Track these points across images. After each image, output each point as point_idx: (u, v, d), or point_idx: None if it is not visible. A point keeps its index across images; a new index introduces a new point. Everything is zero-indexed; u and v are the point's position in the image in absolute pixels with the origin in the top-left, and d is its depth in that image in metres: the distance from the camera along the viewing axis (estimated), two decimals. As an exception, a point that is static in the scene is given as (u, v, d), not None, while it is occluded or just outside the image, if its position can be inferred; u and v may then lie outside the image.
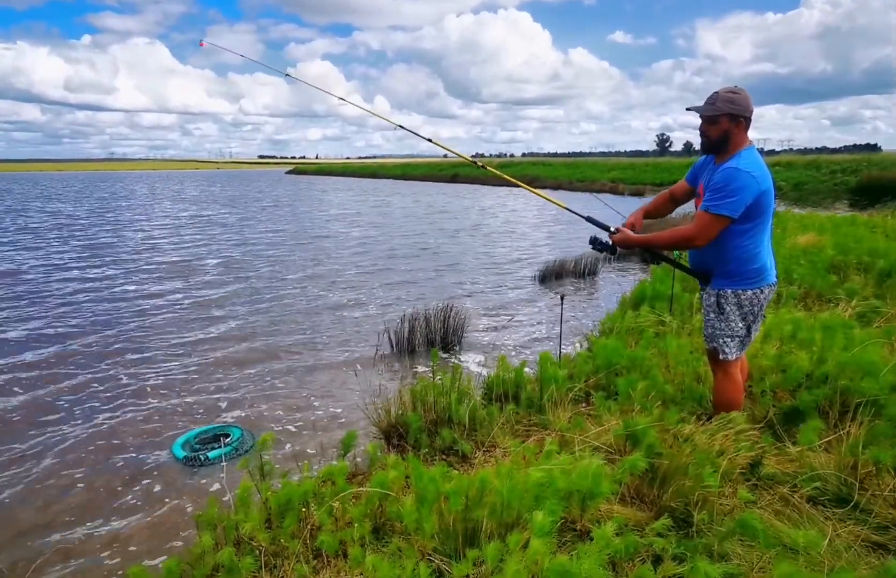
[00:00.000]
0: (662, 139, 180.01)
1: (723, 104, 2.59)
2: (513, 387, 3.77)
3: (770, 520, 2.23)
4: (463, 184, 45.65)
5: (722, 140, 2.65)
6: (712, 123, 2.65)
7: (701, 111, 2.67)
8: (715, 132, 2.65)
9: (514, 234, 17.44)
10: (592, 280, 10.36)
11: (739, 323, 2.72)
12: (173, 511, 3.60)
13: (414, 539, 2.19)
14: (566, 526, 2.27)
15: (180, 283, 10.36)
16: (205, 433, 4.45)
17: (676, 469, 2.39)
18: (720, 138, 2.65)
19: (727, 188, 2.53)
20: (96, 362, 6.22)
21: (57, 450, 4.34)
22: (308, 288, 10.00)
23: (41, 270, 11.55)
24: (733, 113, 2.59)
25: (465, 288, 9.98)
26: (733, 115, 2.59)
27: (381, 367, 6.03)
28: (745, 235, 2.61)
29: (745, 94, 2.61)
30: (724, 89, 2.63)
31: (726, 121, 2.61)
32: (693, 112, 2.70)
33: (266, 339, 7.07)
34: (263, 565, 2.21)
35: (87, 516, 3.55)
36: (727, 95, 2.60)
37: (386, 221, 21.19)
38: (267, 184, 59.56)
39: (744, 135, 2.63)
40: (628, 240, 2.90)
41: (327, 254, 13.65)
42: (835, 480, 2.44)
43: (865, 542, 2.16)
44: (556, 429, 3.21)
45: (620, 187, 34.56)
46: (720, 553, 2.02)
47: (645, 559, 2.04)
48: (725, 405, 2.81)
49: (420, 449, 3.29)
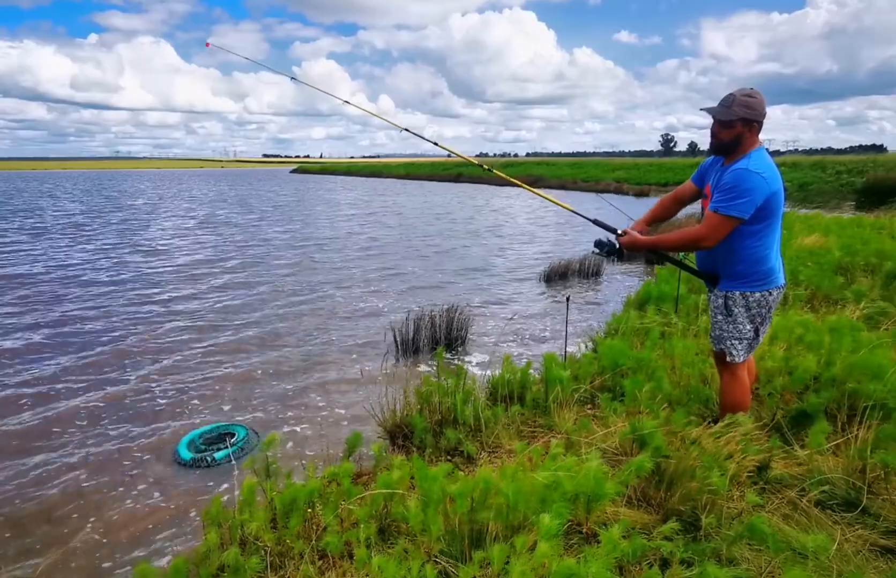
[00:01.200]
0: (667, 139, 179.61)
1: (739, 108, 2.56)
2: (518, 388, 3.76)
3: (778, 524, 2.22)
4: (467, 184, 45.64)
5: (734, 143, 2.62)
6: (726, 127, 2.61)
7: (716, 113, 2.63)
8: (728, 136, 2.62)
9: (518, 235, 17.42)
10: (597, 281, 10.34)
11: (747, 325, 2.70)
12: (179, 511, 3.61)
13: (420, 541, 2.19)
14: (573, 529, 2.26)
15: (190, 284, 10.38)
16: (209, 432, 4.46)
17: (683, 471, 2.38)
18: (732, 142, 2.62)
19: (737, 189, 2.50)
20: (102, 360, 6.24)
21: (61, 450, 4.35)
22: (315, 288, 10.01)
23: (44, 268, 11.61)
24: (748, 118, 2.56)
25: (471, 288, 9.97)
26: (748, 120, 2.56)
27: (387, 368, 6.02)
28: (754, 237, 2.59)
29: (761, 98, 2.56)
30: (740, 92, 2.58)
31: (741, 125, 2.57)
32: (706, 112, 2.66)
33: (271, 339, 7.08)
34: (269, 565, 2.20)
35: (92, 516, 3.56)
36: (743, 99, 2.56)
37: (392, 222, 21.20)
38: (273, 183, 59.67)
39: (755, 138, 2.61)
40: (636, 242, 2.88)
41: (332, 255, 13.66)
42: (843, 484, 2.42)
43: (874, 547, 2.15)
44: (562, 431, 3.20)
45: (625, 187, 34.51)
46: (728, 557, 2.01)
47: (652, 562, 2.03)
48: (732, 407, 2.79)
49: (425, 449, 3.28)
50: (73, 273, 11.13)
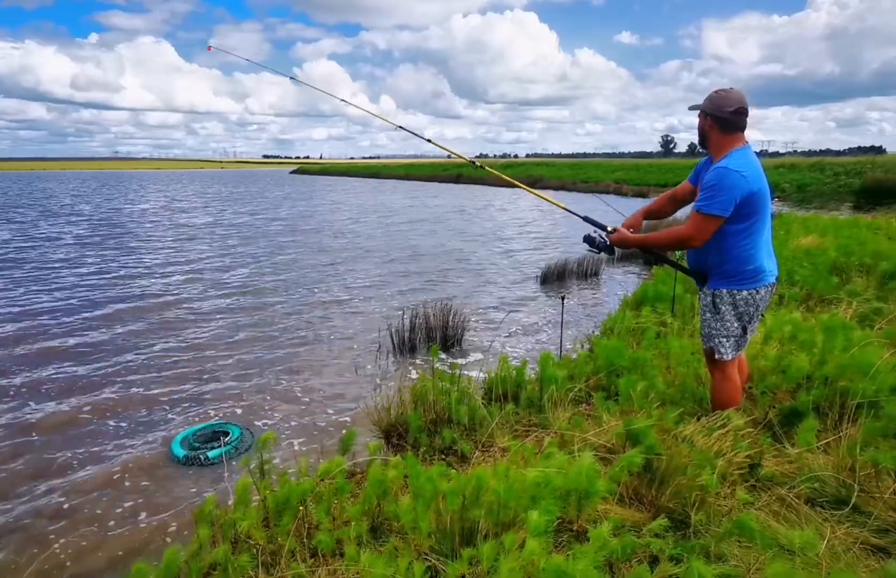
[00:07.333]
0: (666, 140, 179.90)
1: (705, 102, 2.70)
2: (513, 387, 3.77)
3: (767, 521, 2.22)
4: (467, 185, 45.67)
5: (701, 136, 2.77)
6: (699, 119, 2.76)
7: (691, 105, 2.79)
8: (699, 127, 2.77)
9: (517, 235, 17.43)
10: (595, 281, 10.35)
11: (735, 322, 2.72)
12: (172, 509, 3.61)
13: (411, 538, 2.20)
14: (563, 527, 2.27)
15: (188, 283, 10.39)
16: (203, 430, 4.45)
17: (675, 469, 2.39)
18: (700, 134, 2.78)
19: (717, 187, 2.57)
20: (97, 356, 6.24)
21: (54, 448, 4.36)
22: (312, 286, 10.02)
23: (46, 262, 11.61)
24: (706, 110, 2.68)
25: (468, 287, 9.98)
26: (709, 114, 2.68)
27: (382, 366, 6.03)
28: (739, 236, 2.63)
29: (725, 94, 2.64)
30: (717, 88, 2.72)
31: (700, 117, 2.73)
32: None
33: (267, 338, 7.09)
34: (260, 563, 2.21)
35: (86, 514, 3.57)
36: (712, 94, 2.70)
37: (392, 222, 21.21)
38: (274, 183, 59.65)
39: (719, 134, 2.68)
40: (625, 239, 2.92)
41: (332, 254, 13.66)
42: (833, 482, 2.43)
43: (865, 545, 2.15)
44: (556, 429, 3.21)
45: (624, 188, 34.50)
46: (717, 553, 2.01)
47: (642, 559, 2.03)
48: (723, 405, 2.82)
49: (420, 448, 3.29)
50: (78, 268, 11.14)
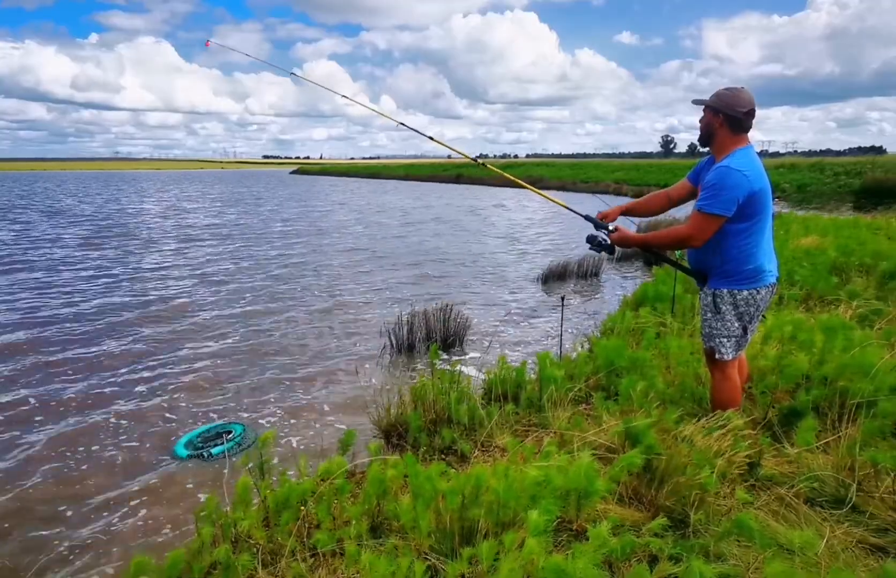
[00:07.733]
0: (666, 140, 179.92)
1: (712, 98, 2.66)
2: (513, 387, 3.77)
3: (766, 521, 2.23)
4: (466, 185, 45.65)
5: (706, 133, 2.72)
6: (702, 113, 2.72)
7: (696, 100, 2.75)
8: (702, 123, 2.73)
9: (517, 235, 17.43)
10: (595, 281, 10.35)
11: (735, 322, 2.72)
12: (176, 508, 3.62)
13: (410, 538, 2.20)
14: (563, 526, 2.27)
15: (191, 284, 10.40)
16: (207, 431, 4.49)
17: (674, 469, 2.39)
18: (704, 131, 2.73)
19: (718, 186, 2.56)
20: (102, 361, 6.25)
21: (60, 449, 4.37)
22: (313, 287, 10.03)
23: (48, 264, 11.62)
24: (715, 107, 2.64)
25: (468, 287, 9.98)
26: (715, 110, 2.64)
27: (382, 366, 6.04)
28: (740, 235, 2.62)
29: (737, 93, 2.62)
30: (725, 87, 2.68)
31: (710, 113, 2.68)
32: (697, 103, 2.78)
33: (269, 338, 7.09)
34: (260, 562, 2.21)
35: (91, 513, 3.58)
36: (720, 91, 2.66)
37: (390, 222, 21.21)
38: (274, 184, 59.65)
39: (727, 132, 2.65)
40: (627, 238, 2.91)
41: (333, 254, 13.67)
42: (832, 481, 2.43)
43: (863, 544, 2.15)
44: (556, 429, 3.21)
45: (624, 188, 34.48)
46: (716, 553, 2.01)
47: (641, 559, 2.04)
48: (723, 405, 2.81)
49: (419, 448, 3.29)
50: (81, 272, 11.15)
